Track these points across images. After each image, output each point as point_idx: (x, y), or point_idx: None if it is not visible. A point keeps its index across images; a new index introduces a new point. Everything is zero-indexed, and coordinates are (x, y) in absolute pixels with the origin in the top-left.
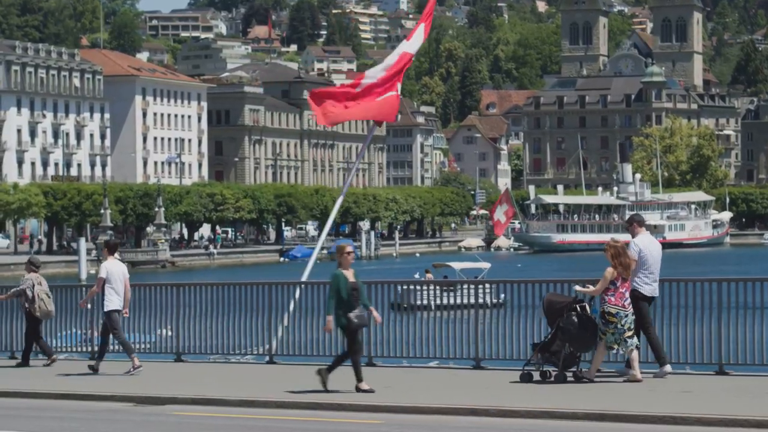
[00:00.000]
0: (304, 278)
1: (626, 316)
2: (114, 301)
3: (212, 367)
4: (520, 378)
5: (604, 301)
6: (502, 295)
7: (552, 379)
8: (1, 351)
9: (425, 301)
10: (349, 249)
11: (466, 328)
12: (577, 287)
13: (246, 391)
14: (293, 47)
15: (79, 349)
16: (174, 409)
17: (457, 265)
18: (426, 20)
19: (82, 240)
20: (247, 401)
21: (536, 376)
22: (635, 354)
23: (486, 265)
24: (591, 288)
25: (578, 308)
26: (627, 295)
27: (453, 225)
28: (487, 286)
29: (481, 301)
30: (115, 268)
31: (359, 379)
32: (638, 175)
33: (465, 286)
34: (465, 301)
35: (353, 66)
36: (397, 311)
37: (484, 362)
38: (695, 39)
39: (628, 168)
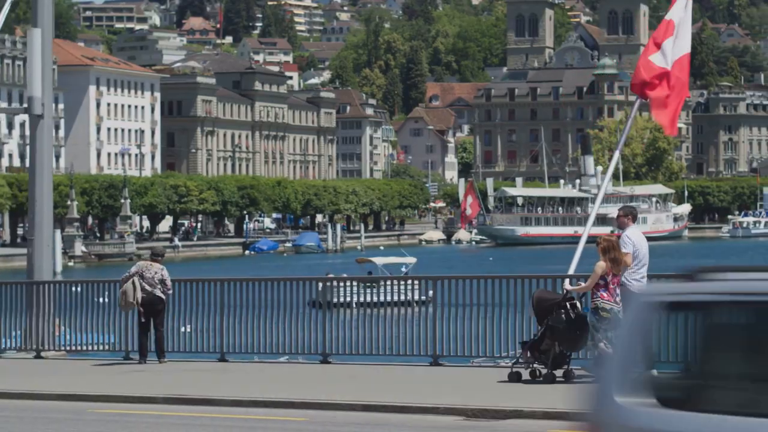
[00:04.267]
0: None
1: (619, 312)
2: None
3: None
4: (508, 377)
5: (596, 296)
6: (430, 292)
7: (541, 378)
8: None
9: (346, 299)
10: None
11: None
12: (567, 285)
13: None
14: (228, 39)
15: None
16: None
17: (379, 261)
18: None
19: (57, 232)
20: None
21: (525, 375)
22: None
23: (411, 260)
24: (582, 285)
25: (568, 306)
26: (618, 291)
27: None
28: (414, 282)
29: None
30: None
31: None
32: (600, 168)
33: (388, 282)
34: (389, 298)
35: (289, 58)
36: (318, 309)
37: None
38: (642, 31)
39: (590, 160)
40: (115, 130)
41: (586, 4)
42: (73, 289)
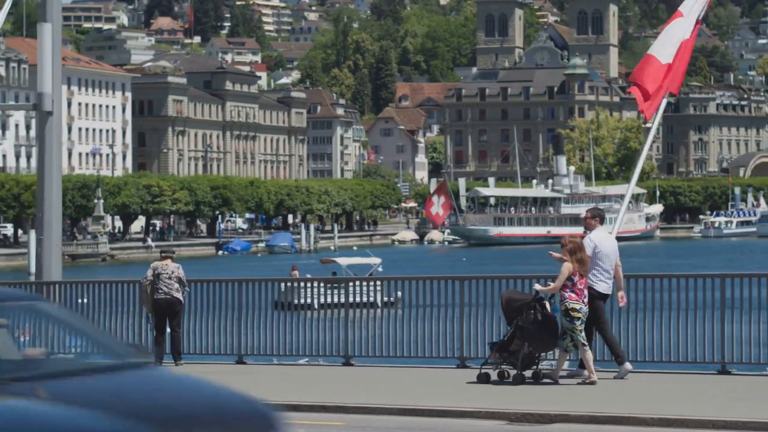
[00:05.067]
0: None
1: (585, 313)
2: None
3: None
4: (477, 378)
5: (564, 297)
6: (398, 293)
7: (510, 379)
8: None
9: (309, 300)
10: None
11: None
12: (537, 285)
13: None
14: (197, 39)
15: None
16: None
17: (343, 261)
18: None
19: (32, 233)
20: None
21: (494, 376)
22: (589, 355)
23: (376, 260)
24: (551, 285)
25: (538, 306)
26: (585, 291)
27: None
28: (378, 283)
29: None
30: None
31: None
32: (572, 168)
33: (353, 283)
34: (353, 299)
35: (258, 58)
36: (281, 310)
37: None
38: (611, 31)
39: (562, 160)
40: (86, 129)
41: (554, 4)
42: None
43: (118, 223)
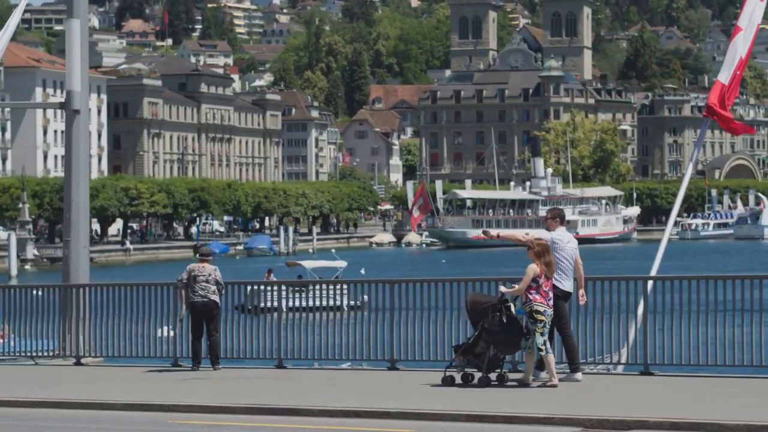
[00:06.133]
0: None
1: (551, 315)
2: None
3: None
4: (441, 381)
5: (529, 299)
6: (365, 297)
7: (475, 382)
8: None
9: (275, 303)
10: None
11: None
12: (502, 287)
13: None
14: (168, 41)
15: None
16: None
17: (309, 264)
18: None
19: (13, 235)
20: None
21: (458, 379)
22: (551, 357)
23: (342, 263)
24: (515, 287)
25: (503, 309)
26: (550, 293)
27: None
28: (343, 286)
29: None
30: None
31: None
32: (550, 170)
33: (318, 286)
34: (319, 303)
35: (230, 60)
36: (247, 314)
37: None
38: (585, 34)
39: (540, 162)
40: (62, 132)
41: (525, 6)
42: (34, 293)
43: (96, 226)
